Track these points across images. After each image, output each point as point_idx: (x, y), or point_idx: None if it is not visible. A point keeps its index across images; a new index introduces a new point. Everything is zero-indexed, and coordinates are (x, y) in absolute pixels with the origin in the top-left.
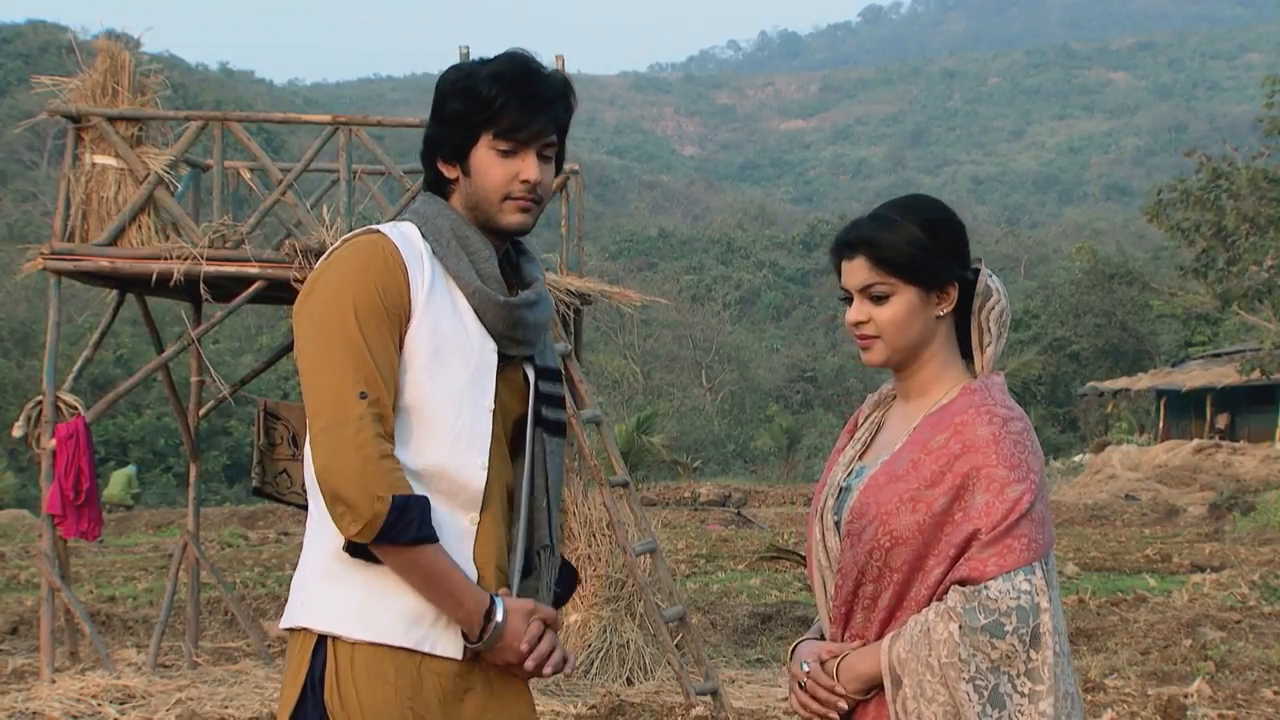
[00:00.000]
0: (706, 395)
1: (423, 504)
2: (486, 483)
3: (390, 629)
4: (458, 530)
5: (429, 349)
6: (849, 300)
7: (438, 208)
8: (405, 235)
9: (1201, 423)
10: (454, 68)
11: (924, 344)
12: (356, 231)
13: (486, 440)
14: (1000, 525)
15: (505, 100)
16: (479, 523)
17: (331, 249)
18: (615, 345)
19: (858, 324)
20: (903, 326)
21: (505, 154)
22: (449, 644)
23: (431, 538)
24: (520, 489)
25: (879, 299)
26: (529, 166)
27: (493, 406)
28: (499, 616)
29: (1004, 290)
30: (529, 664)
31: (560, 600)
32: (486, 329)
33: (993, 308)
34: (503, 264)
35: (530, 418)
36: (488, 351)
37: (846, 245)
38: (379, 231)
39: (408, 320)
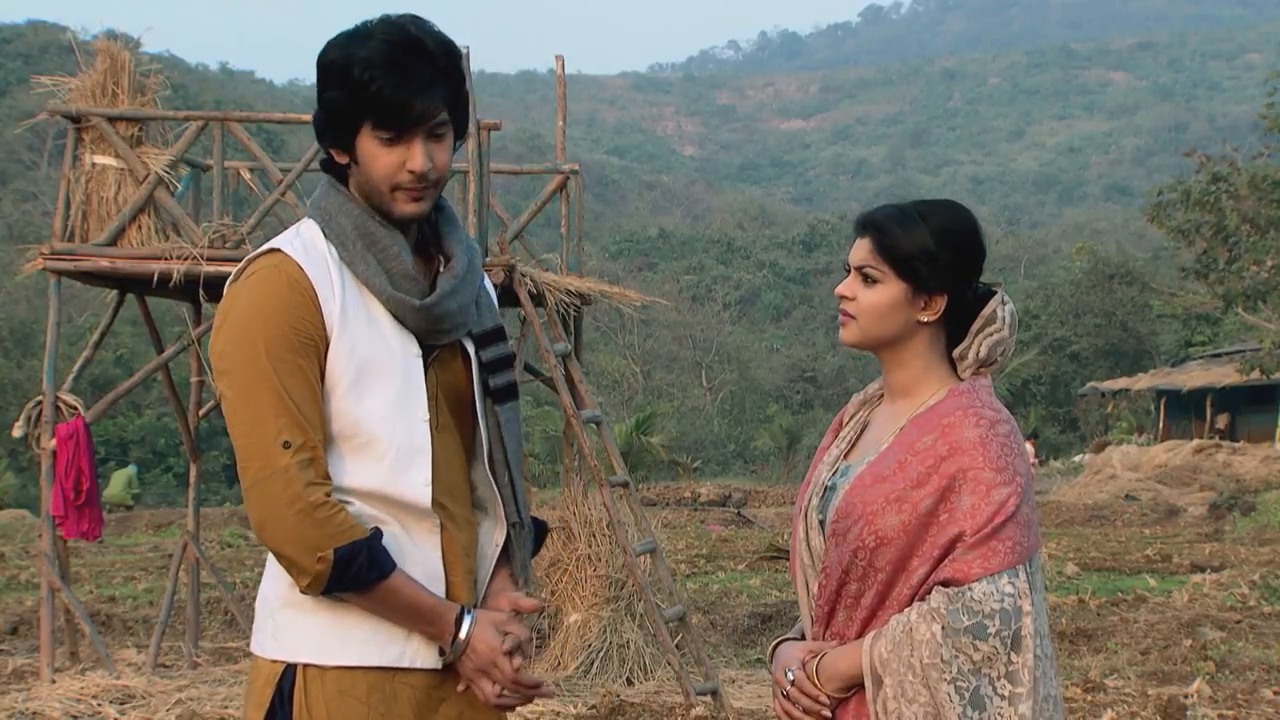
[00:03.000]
0: (706, 395)
1: (371, 543)
2: (438, 488)
3: (364, 652)
4: (421, 534)
5: (350, 373)
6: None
7: (338, 201)
8: (309, 246)
9: (1201, 423)
10: (333, 45)
11: (901, 342)
12: (256, 253)
13: (426, 455)
14: (986, 528)
15: (379, 86)
16: (441, 525)
17: (234, 275)
18: (615, 345)
19: (843, 298)
20: (880, 315)
21: (388, 142)
22: (426, 656)
23: (385, 574)
24: (481, 470)
25: (869, 281)
26: (415, 155)
27: (427, 416)
28: (463, 632)
29: (1011, 322)
30: (501, 692)
31: (533, 552)
32: (408, 329)
33: (991, 334)
34: (423, 234)
35: (478, 391)
36: (411, 357)
37: (861, 224)
38: (279, 251)
39: (325, 347)
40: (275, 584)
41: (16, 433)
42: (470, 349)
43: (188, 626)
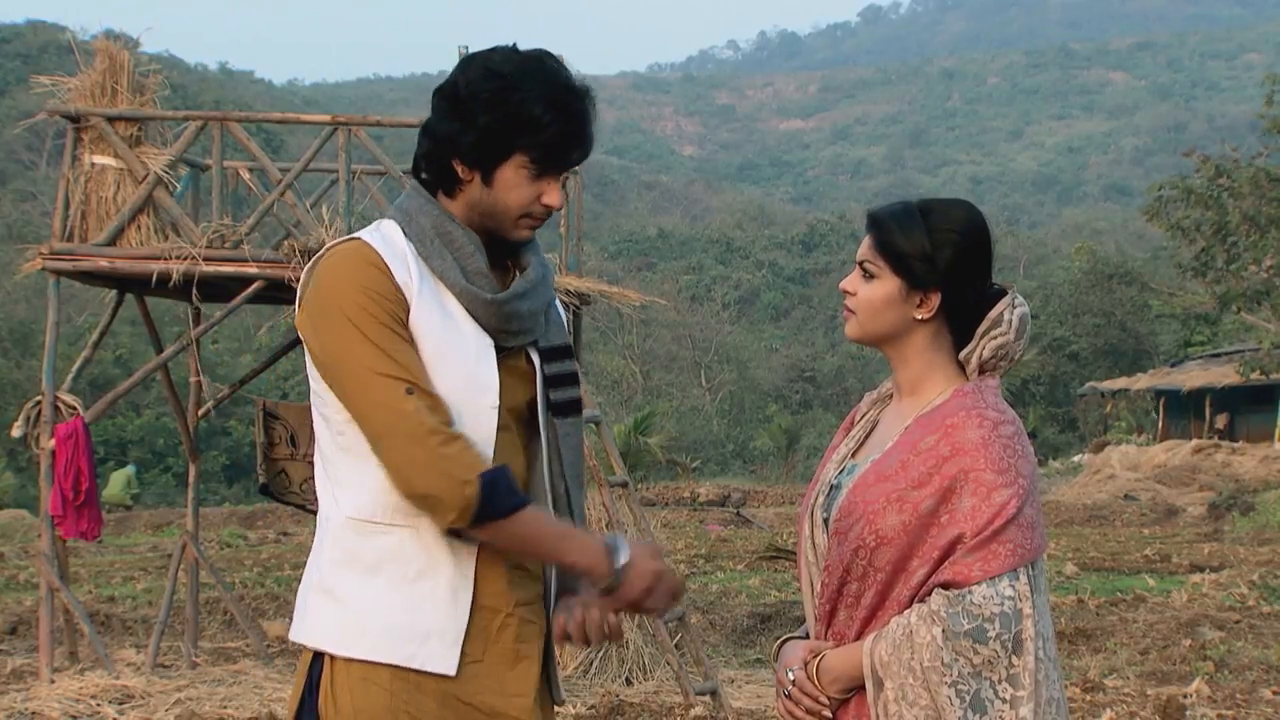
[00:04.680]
0: (706, 395)
1: (506, 472)
2: None
3: (377, 646)
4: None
5: (425, 353)
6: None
7: (420, 203)
8: (388, 238)
9: (1201, 423)
10: (483, 68)
11: (900, 339)
12: (336, 241)
13: (490, 441)
14: (986, 530)
15: (556, 129)
16: None
17: (315, 261)
18: (614, 345)
19: (845, 293)
20: (876, 311)
21: (534, 175)
22: (439, 661)
23: (526, 501)
24: (539, 477)
25: (868, 276)
26: (553, 191)
27: (496, 403)
28: (622, 559)
29: (1020, 326)
30: (649, 602)
31: None
32: (480, 325)
33: (995, 337)
34: (500, 248)
35: (540, 403)
36: (484, 348)
37: (867, 219)
38: (359, 239)
39: (406, 323)
40: (314, 567)
41: (15, 432)
42: (536, 361)
43: (187, 626)
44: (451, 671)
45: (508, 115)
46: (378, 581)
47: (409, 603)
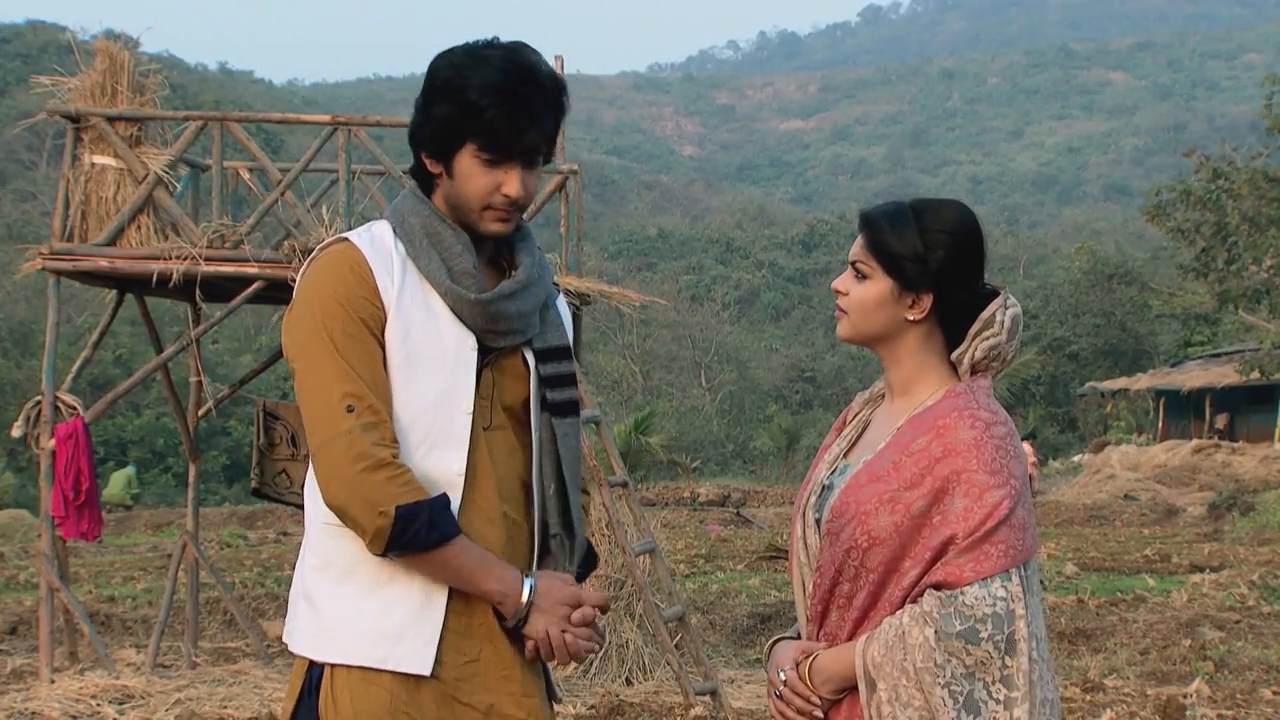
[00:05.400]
0: (705, 395)
1: (434, 505)
2: (472, 482)
3: (349, 650)
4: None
5: (401, 357)
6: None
7: (413, 204)
8: (376, 239)
9: (1200, 423)
10: (446, 60)
11: (892, 339)
12: (326, 242)
13: (463, 445)
14: (978, 531)
15: (495, 113)
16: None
17: (307, 262)
18: (614, 345)
19: (838, 293)
20: (867, 311)
21: (489, 164)
22: (412, 662)
23: (448, 538)
24: (531, 475)
25: (860, 276)
26: (511, 181)
27: (471, 409)
28: (524, 598)
29: (1011, 327)
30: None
31: (578, 580)
32: (466, 325)
33: (987, 338)
34: (498, 247)
35: (533, 403)
36: (466, 350)
37: (859, 219)
38: (346, 240)
39: (381, 328)
40: (299, 571)
41: (16, 433)
42: (531, 361)
43: (187, 626)
44: (425, 672)
45: (456, 104)
46: (350, 586)
47: (381, 606)
